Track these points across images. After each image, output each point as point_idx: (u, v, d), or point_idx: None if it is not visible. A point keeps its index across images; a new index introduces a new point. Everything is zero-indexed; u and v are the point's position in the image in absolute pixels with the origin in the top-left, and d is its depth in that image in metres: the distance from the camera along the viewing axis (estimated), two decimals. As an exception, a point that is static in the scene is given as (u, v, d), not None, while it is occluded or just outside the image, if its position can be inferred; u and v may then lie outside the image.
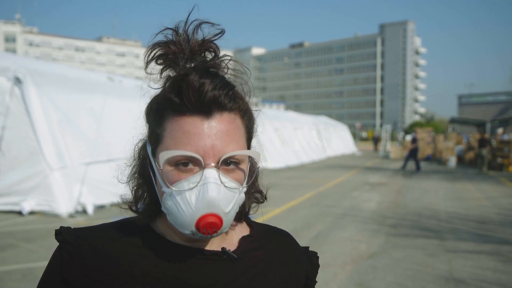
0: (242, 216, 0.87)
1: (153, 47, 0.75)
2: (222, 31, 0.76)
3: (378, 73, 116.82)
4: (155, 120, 0.75)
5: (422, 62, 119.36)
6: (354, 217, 8.03)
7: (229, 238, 0.84)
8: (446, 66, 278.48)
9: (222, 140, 0.71)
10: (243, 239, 0.85)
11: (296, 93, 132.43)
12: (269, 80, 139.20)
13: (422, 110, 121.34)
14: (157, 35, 0.75)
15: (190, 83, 0.70)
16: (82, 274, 0.74)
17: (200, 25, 0.76)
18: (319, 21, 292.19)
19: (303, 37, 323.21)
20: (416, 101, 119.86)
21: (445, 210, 8.93)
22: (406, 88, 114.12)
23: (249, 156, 0.77)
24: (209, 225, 0.69)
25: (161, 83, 0.76)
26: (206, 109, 0.71)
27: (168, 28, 0.75)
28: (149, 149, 0.77)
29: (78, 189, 7.71)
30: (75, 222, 6.92)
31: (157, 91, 0.77)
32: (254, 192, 0.87)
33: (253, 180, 0.83)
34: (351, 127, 64.53)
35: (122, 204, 0.82)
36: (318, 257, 0.96)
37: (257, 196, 0.87)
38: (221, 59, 0.77)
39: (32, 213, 7.43)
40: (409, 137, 30.43)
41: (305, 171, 18.33)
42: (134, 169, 0.82)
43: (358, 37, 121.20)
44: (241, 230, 0.88)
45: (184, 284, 0.75)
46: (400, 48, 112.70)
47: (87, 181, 7.88)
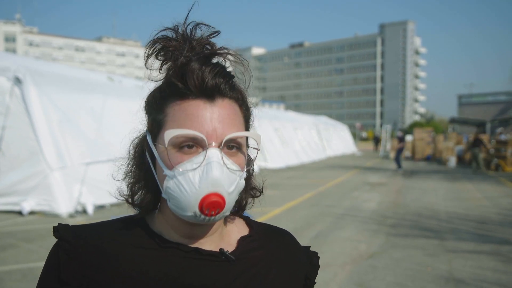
0: (240, 209, 0.87)
1: (154, 42, 0.77)
2: (218, 31, 0.79)
3: (378, 73, 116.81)
4: (157, 108, 0.77)
5: (422, 62, 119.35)
6: (354, 217, 8.03)
7: (227, 239, 0.84)
8: (446, 66, 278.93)
9: (224, 123, 0.73)
10: (242, 240, 0.85)
11: (296, 93, 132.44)
12: (269, 80, 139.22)
13: (422, 110, 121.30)
14: (156, 34, 0.77)
15: (193, 69, 0.73)
16: (79, 273, 0.74)
17: (197, 25, 0.78)
18: (319, 21, 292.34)
19: (303, 37, 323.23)
20: (416, 101, 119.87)
21: (445, 210, 8.94)
22: (406, 88, 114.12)
23: (246, 146, 0.79)
24: (213, 204, 0.70)
25: (163, 74, 0.78)
26: (209, 93, 0.73)
27: (168, 28, 0.77)
28: (149, 138, 0.78)
29: (78, 189, 7.71)
30: (75, 222, 6.85)
31: (159, 83, 0.79)
32: (250, 189, 0.87)
33: (250, 172, 0.84)
34: (351, 127, 64.53)
35: (118, 196, 0.83)
36: (319, 258, 0.96)
37: (253, 191, 0.88)
38: (220, 52, 0.78)
39: (32, 213, 7.43)
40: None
41: (305, 171, 18.33)
42: (130, 164, 0.83)
43: (358, 37, 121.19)
44: (240, 230, 0.88)
45: (181, 285, 0.75)
46: (400, 48, 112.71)
47: (87, 181, 7.89)
